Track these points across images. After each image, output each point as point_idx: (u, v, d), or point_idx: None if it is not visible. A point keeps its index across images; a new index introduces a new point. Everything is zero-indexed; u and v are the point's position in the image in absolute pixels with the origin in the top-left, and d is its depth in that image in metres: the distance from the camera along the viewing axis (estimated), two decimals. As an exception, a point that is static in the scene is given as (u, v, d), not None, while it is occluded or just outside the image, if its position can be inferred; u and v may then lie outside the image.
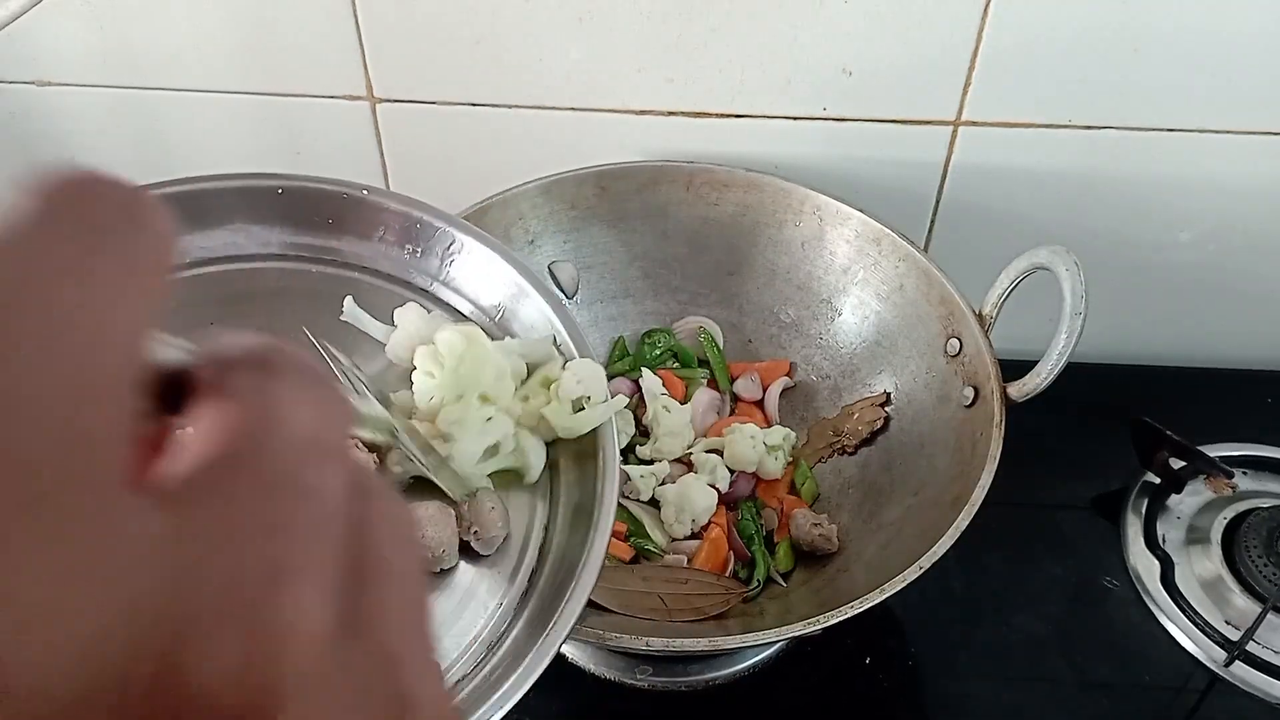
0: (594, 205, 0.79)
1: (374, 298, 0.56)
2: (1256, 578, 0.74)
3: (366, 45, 0.78)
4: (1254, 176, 0.81)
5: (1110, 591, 0.76)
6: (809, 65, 0.77)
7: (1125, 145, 0.80)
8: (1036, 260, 0.66)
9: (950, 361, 0.71)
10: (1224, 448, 0.82)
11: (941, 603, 0.74)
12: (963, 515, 0.59)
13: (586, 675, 0.70)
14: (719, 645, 0.57)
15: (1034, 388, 0.65)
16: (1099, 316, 0.65)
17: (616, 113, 0.80)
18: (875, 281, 0.77)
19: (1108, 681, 0.71)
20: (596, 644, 0.64)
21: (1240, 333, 0.93)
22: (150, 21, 0.78)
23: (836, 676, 0.71)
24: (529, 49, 0.77)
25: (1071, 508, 0.82)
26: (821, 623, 0.55)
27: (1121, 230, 0.85)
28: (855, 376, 0.79)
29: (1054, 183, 0.83)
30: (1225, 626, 0.73)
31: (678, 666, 0.70)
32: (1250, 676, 0.70)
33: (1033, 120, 0.79)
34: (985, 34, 0.74)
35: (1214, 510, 0.79)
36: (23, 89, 0.82)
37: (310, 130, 0.84)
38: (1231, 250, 0.87)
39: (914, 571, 0.57)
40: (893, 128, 0.80)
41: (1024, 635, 0.73)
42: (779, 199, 0.79)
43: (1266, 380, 0.91)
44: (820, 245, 0.79)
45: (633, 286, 0.83)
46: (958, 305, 0.71)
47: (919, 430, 0.73)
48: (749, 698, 0.70)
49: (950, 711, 0.70)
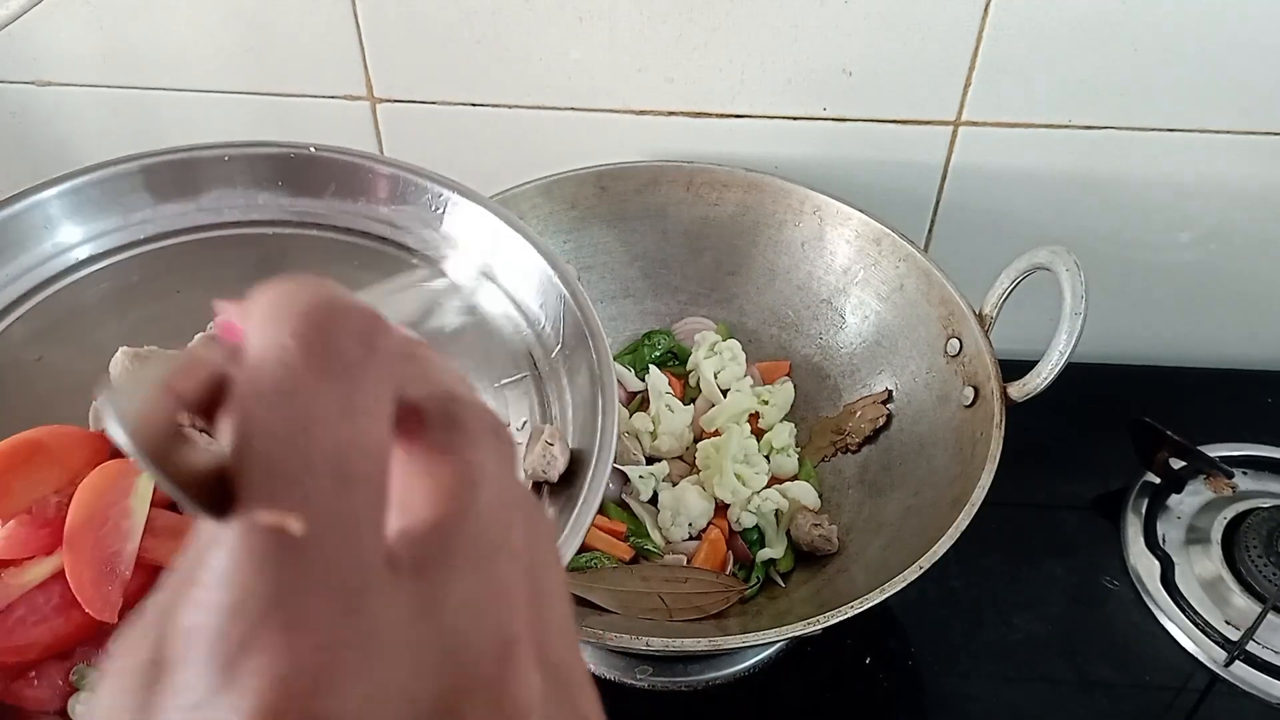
0: (594, 205, 0.79)
1: (375, 260, 0.57)
2: (1256, 578, 0.74)
3: (366, 45, 0.78)
4: (1254, 176, 0.81)
5: (1110, 591, 0.76)
6: (809, 65, 0.77)
7: (1125, 145, 0.80)
8: (1036, 260, 0.66)
9: (950, 361, 0.71)
10: (1224, 448, 0.82)
11: (941, 603, 0.75)
12: (963, 515, 0.59)
13: (586, 675, 0.70)
14: (719, 645, 0.57)
15: (1034, 388, 0.65)
16: (1099, 316, 0.65)
17: (616, 113, 0.80)
18: (875, 281, 0.77)
19: (1108, 681, 0.71)
20: (596, 644, 0.64)
21: (1240, 333, 0.93)
22: (150, 21, 0.78)
23: (836, 676, 0.71)
24: (529, 49, 0.77)
25: (1071, 508, 0.82)
26: (821, 623, 0.55)
27: (1121, 230, 0.85)
28: (855, 376, 0.79)
29: (1054, 183, 0.83)
30: (1225, 626, 0.73)
31: (678, 666, 0.70)
32: (1250, 676, 0.70)
33: (1033, 120, 0.79)
34: (985, 34, 0.74)
35: (1214, 510, 0.79)
36: (23, 89, 0.82)
37: (310, 130, 0.84)
38: (1231, 250, 0.87)
39: (914, 571, 0.57)
40: (893, 128, 0.80)
41: (1024, 635, 0.73)
42: (779, 199, 0.79)
43: (1266, 380, 0.91)
44: (820, 245, 0.79)
45: (633, 286, 0.83)
46: (958, 305, 0.71)
47: (919, 430, 0.73)
48: (749, 698, 0.70)
49: (950, 711, 0.70)
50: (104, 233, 0.55)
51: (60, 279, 0.54)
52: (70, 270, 0.54)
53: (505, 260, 0.56)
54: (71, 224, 0.54)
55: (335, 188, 0.57)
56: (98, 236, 0.55)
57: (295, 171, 0.57)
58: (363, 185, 0.58)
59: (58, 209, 0.54)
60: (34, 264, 0.53)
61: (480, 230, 0.57)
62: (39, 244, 0.53)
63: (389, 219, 0.58)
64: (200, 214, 0.57)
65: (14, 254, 0.53)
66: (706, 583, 0.68)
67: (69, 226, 0.54)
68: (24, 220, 0.53)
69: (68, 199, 0.54)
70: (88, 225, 0.55)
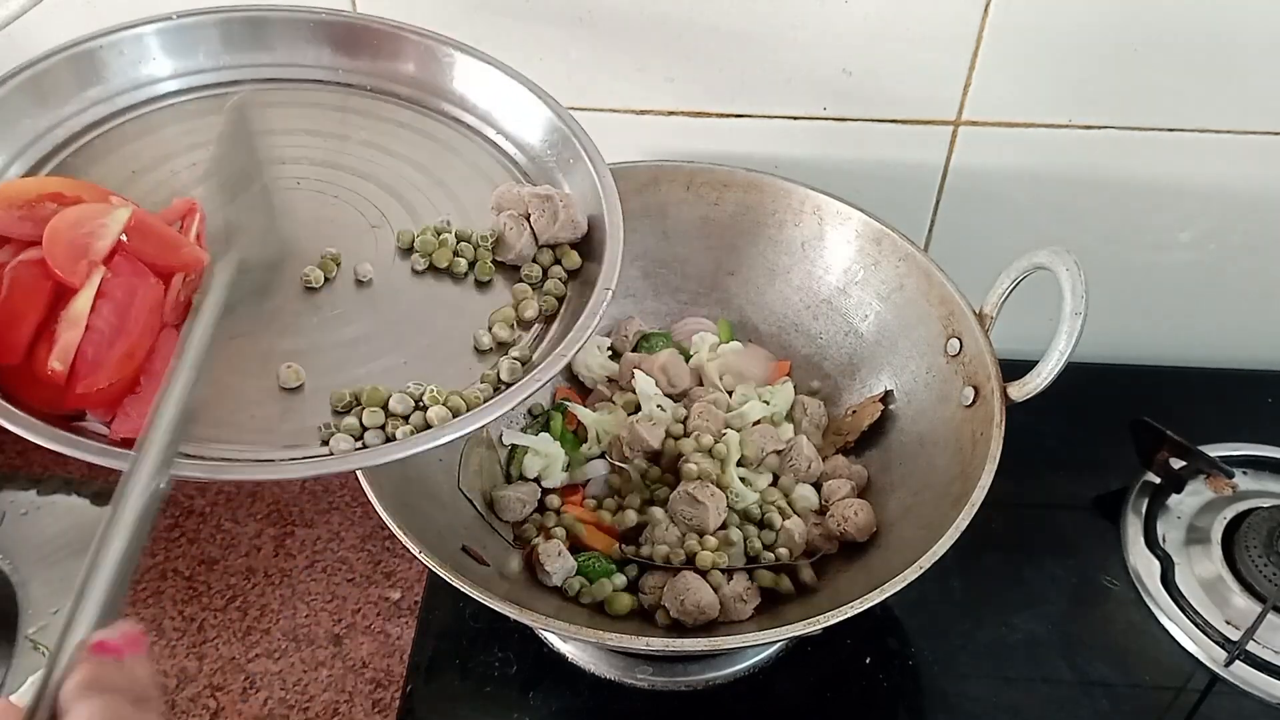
0: (594, 205, 0.79)
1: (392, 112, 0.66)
2: (1256, 578, 0.74)
3: (366, 45, 0.78)
4: (1254, 176, 0.82)
5: (1110, 591, 0.76)
6: (809, 65, 0.77)
7: (1125, 145, 0.80)
8: (1036, 260, 0.66)
9: (950, 361, 0.71)
10: (1224, 448, 0.83)
11: (941, 603, 0.75)
12: (963, 515, 0.59)
13: (586, 675, 0.70)
14: (719, 645, 0.57)
15: (1034, 388, 0.65)
16: (1099, 316, 0.65)
17: (616, 112, 0.80)
18: (875, 281, 0.77)
19: (1108, 681, 0.71)
20: (596, 644, 0.64)
21: (1240, 333, 0.93)
22: (150, 21, 0.78)
23: (836, 676, 0.71)
24: (529, 49, 0.77)
25: (1071, 508, 0.82)
26: (821, 623, 0.55)
27: (1121, 230, 0.85)
28: (855, 376, 0.79)
29: (1054, 183, 0.83)
30: (1225, 626, 0.73)
31: (678, 666, 0.70)
32: (1250, 676, 0.70)
33: (1033, 120, 0.79)
34: (985, 34, 0.74)
35: (1214, 510, 0.79)
36: (23, 89, 0.82)
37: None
38: (1231, 250, 0.87)
39: (914, 571, 0.57)
40: (893, 128, 0.80)
41: (1024, 635, 0.73)
42: (779, 199, 0.79)
43: (1266, 380, 0.91)
44: (820, 245, 0.79)
45: (633, 286, 0.83)
46: (958, 305, 0.71)
47: (919, 430, 0.73)
48: (749, 698, 0.70)
49: (950, 711, 0.70)
50: (190, 71, 0.64)
51: (149, 104, 0.62)
52: (158, 99, 0.63)
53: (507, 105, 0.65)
54: (165, 58, 0.63)
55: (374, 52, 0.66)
56: (184, 74, 0.63)
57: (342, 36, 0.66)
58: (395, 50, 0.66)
59: (154, 44, 0.62)
60: (127, 87, 0.62)
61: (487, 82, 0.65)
62: (134, 71, 0.62)
63: (411, 78, 0.66)
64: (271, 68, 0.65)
65: (110, 76, 0.61)
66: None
67: (162, 60, 0.63)
68: (123, 47, 0.61)
69: (165, 37, 0.62)
70: (176, 62, 0.63)
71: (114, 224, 0.50)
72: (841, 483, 0.72)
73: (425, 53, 0.65)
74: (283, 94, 0.65)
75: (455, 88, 0.66)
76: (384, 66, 0.66)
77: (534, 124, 0.65)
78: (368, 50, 0.65)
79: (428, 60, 0.65)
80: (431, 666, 0.71)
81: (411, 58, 0.66)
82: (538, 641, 0.72)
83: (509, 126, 0.65)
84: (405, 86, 0.66)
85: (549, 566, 0.67)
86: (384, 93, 0.66)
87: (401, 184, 0.62)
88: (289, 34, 0.65)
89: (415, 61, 0.66)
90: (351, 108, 0.65)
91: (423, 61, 0.66)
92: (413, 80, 0.66)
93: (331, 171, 0.62)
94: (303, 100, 0.65)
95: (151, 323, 0.50)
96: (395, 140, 0.64)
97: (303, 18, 0.65)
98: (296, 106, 0.64)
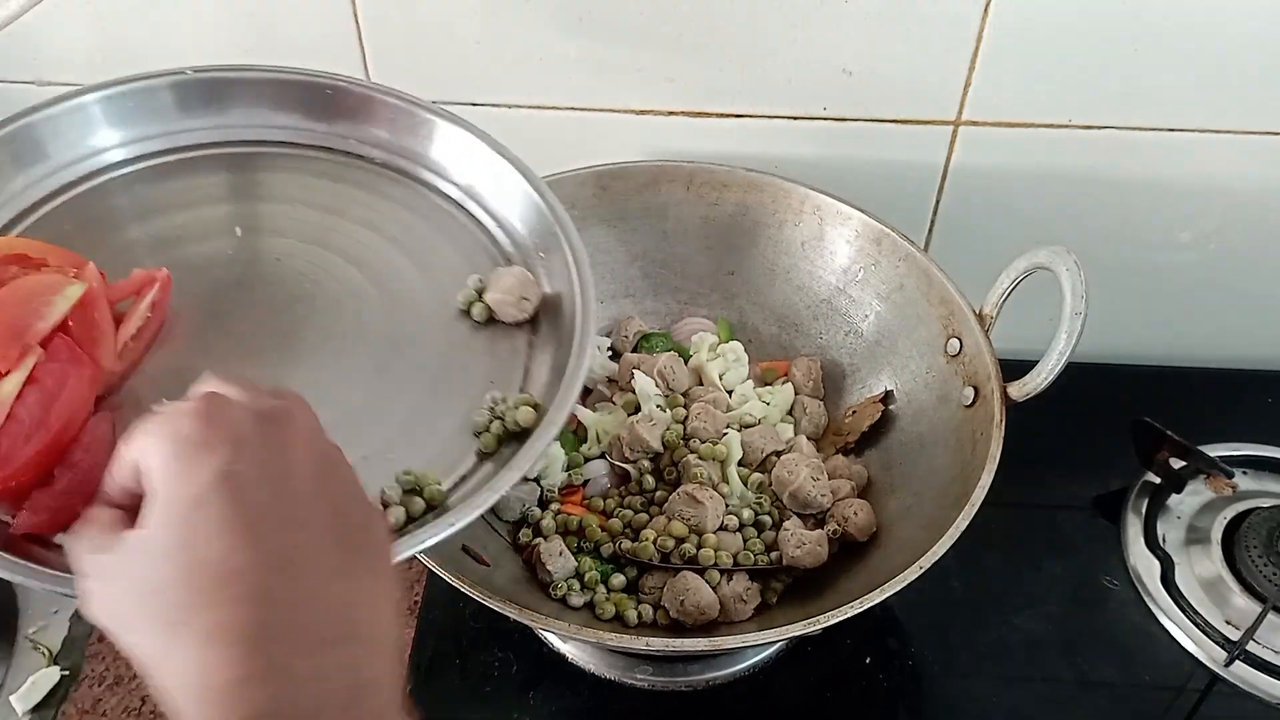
0: (594, 205, 0.79)
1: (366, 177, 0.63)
2: (1256, 578, 0.74)
3: (366, 46, 0.78)
4: (1254, 176, 0.81)
5: (1110, 591, 0.76)
6: (809, 65, 0.77)
7: (1125, 145, 0.80)
8: (1036, 260, 0.66)
9: (950, 361, 0.71)
10: (1224, 448, 0.83)
11: (941, 603, 0.75)
12: (963, 515, 0.59)
13: (586, 675, 0.70)
14: (719, 645, 0.57)
15: (1034, 388, 0.65)
16: (1099, 316, 0.65)
17: (616, 113, 0.80)
18: (875, 281, 0.77)
19: (1108, 681, 0.71)
20: (596, 644, 0.64)
21: (1240, 333, 0.93)
22: (150, 21, 0.78)
23: (836, 676, 0.71)
24: (529, 49, 0.77)
25: (1071, 508, 0.82)
26: (821, 623, 0.55)
27: (1121, 230, 0.85)
28: (855, 376, 0.79)
29: (1054, 183, 0.83)
30: (1225, 626, 0.73)
31: (678, 666, 0.70)
32: (1250, 676, 0.71)
33: (1033, 120, 0.79)
34: (985, 34, 0.74)
35: (1214, 510, 0.79)
36: (23, 89, 0.82)
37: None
38: (1231, 250, 0.87)
39: (914, 571, 0.57)
40: (893, 128, 0.80)
41: (1024, 635, 0.73)
42: (779, 199, 0.79)
43: (1266, 380, 0.91)
44: (820, 245, 0.79)
45: (633, 286, 0.83)
46: (958, 305, 0.71)
47: (919, 430, 0.73)
48: (749, 698, 0.70)
49: (950, 711, 0.70)
50: (138, 139, 0.61)
51: (95, 177, 0.60)
52: (104, 170, 0.60)
53: (489, 180, 0.63)
54: (110, 129, 0.61)
55: (343, 114, 0.64)
56: (132, 142, 0.61)
57: (309, 98, 0.64)
58: (367, 112, 0.64)
59: (99, 112, 0.60)
60: (73, 160, 0.59)
61: (469, 153, 0.63)
62: (81, 142, 0.60)
63: (385, 143, 0.64)
64: (225, 130, 0.63)
65: (57, 149, 0.59)
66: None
67: (107, 130, 0.60)
68: (68, 119, 0.59)
69: (108, 104, 0.60)
70: (124, 131, 0.61)
71: (62, 302, 0.47)
72: (841, 483, 0.72)
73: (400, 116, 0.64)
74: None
75: (433, 156, 0.64)
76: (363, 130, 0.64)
77: (515, 203, 0.62)
78: (344, 114, 0.64)
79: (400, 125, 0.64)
80: (431, 666, 0.71)
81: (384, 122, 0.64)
82: (538, 641, 0.72)
83: (491, 203, 0.63)
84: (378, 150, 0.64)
85: (549, 566, 0.67)
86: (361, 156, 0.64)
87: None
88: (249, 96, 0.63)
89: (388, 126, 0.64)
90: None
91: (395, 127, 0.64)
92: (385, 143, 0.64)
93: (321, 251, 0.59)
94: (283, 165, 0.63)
95: (78, 414, 0.46)
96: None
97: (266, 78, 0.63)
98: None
